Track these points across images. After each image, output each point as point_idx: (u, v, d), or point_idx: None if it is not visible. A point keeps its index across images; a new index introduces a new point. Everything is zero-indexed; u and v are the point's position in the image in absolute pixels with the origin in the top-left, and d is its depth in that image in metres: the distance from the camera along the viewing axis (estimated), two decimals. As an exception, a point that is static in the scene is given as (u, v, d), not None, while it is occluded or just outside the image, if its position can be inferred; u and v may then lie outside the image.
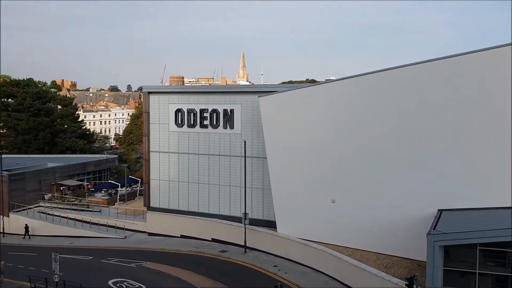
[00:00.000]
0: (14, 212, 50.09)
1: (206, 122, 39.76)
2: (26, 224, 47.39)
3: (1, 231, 49.05)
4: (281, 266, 32.50)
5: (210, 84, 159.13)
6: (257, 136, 37.08)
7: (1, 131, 77.72)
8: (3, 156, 51.95)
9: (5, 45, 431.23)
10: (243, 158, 36.69)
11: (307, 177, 32.92)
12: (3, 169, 49.88)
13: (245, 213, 35.45)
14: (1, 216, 49.71)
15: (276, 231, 35.08)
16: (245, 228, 35.60)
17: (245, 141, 36.70)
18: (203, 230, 39.92)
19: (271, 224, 36.03)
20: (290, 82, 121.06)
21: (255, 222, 36.66)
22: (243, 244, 35.84)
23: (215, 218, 39.50)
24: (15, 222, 48.91)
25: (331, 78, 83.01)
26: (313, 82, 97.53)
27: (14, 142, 73.21)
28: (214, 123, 39.33)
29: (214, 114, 39.26)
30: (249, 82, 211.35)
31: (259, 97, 34.46)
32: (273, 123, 33.91)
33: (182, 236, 40.96)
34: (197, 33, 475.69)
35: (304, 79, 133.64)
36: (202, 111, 39.88)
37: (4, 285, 31.64)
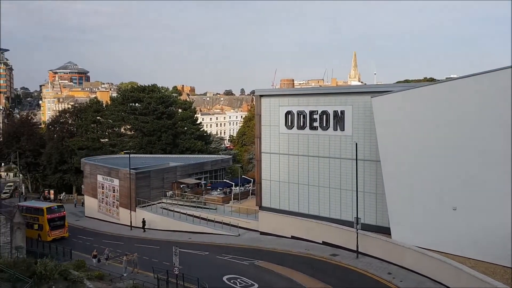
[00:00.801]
0: (140, 207, 54.70)
1: (316, 124, 39.45)
2: (143, 219, 51.54)
3: (130, 224, 53.98)
4: (396, 273, 31.06)
5: (320, 86, 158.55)
6: (369, 138, 35.86)
7: (129, 132, 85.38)
8: (131, 155, 57.04)
9: (135, 54, 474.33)
10: (355, 161, 35.74)
11: (425, 182, 31.01)
12: (131, 168, 54.84)
13: (357, 218, 34.46)
14: (130, 211, 54.69)
15: (390, 237, 33.64)
16: (357, 233, 34.64)
17: (356, 144, 35.70)
18: (313, 232, 39.71)
19: (384, 230, 34.63)
20: (406, 81, 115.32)
21: (367, 228, 35.50)
22: (354, 249, 34.92)
23: (326, 221, 39.02)
24: (140, 216, 53.35)
25: (452, 76, 77.44)
26: (431, 80, 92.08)
27: (140, 142, 79.78)
28: (324, 124, 38.87)
29: (324, 116, 38.81)
30: (361, 82, 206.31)
31: (372, 97, 33.31)
32: (387, 124, 32.54)
33: (292, 237, 41.19)
34: (308, 35, 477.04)
35: (422, 78, 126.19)
36: (311, 112, 39.68)
37: (134, 275, 34.75)
